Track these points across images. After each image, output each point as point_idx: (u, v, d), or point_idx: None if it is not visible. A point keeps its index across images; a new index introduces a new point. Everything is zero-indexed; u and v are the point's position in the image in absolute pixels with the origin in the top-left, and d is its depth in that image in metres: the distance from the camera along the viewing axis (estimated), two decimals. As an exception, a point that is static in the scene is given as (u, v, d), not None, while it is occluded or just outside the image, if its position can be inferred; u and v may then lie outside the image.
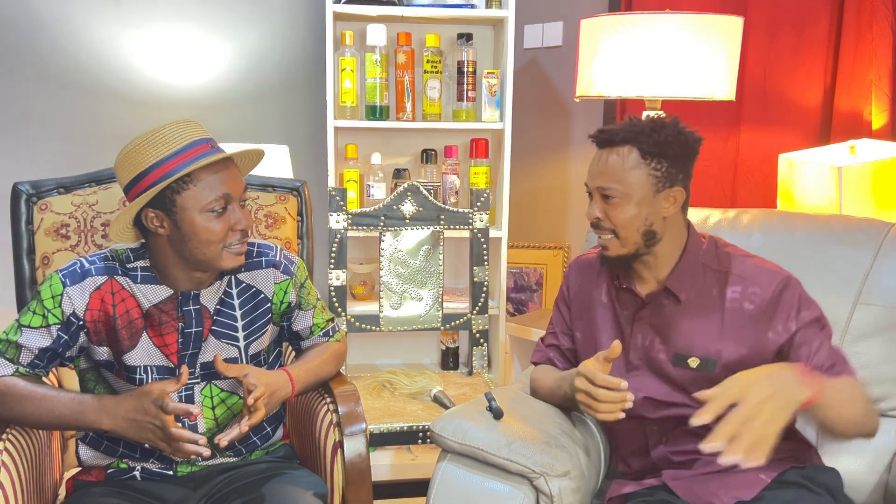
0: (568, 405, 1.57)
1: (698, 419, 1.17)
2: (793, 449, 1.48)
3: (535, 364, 1.71)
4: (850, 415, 1.33)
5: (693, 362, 1.44)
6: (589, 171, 1.48)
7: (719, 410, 1.17)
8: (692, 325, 1.46)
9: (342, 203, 2.19)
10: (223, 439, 1.37)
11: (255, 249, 1.53)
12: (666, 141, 1.41)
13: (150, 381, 1.44)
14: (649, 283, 1.50)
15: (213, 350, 1.48)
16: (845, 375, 1.38)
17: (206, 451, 1.34)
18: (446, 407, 2.01)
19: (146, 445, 1.46)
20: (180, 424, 1.40)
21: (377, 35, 2.42)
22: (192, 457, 1.36)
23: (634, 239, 1.44)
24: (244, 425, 1.39)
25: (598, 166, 1.46)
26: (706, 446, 1.15)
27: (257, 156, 1.49)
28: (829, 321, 1.62)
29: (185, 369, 1.40)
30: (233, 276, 1.50)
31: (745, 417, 1.15)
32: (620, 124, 1.45)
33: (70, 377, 1.69)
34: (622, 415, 1.35)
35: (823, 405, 1.25)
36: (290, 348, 1.79)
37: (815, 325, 1.41)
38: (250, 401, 1.38)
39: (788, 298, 1.41)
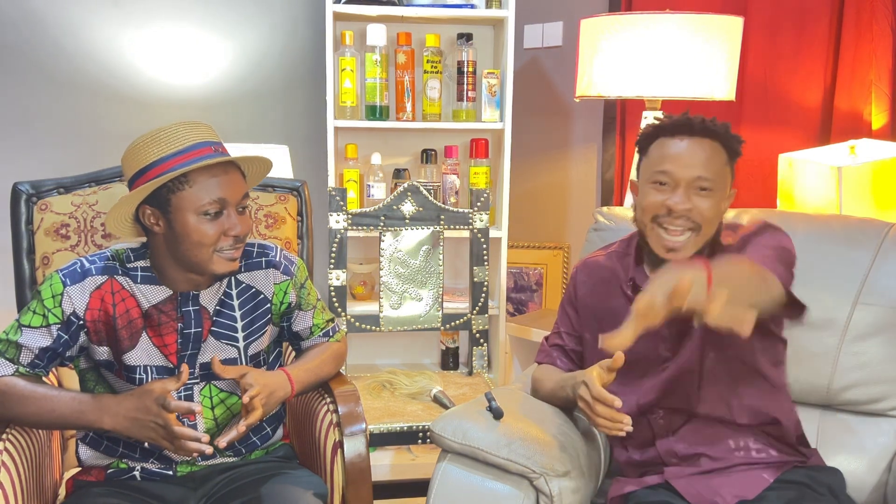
0: (569, 406, 1.57)
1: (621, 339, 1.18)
2: (794, 450, 1.48)
3: (540, 363, 1.70)
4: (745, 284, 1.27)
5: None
6: (673, 162, 1.40)
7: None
8: None
9: (342, 203, 2.19)
10: (221, 441, 1.38)
11: (256, 250, 1.53)
12: (737, 147, 1.45)
13: (149, 381, 1.44)
14: None
15: (212, 350, 1.48)
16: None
17: (209, 449, 1.35)
18: (446, 407, 2.01)
19: (146, 445, 1.47)
20: (181, 423, 1.40)
21: (377, 35, 2.42)
22: (195, 455, 1.36)
23: (711, 234, 1.43)
24: (241, 426, 1.39)
25: (690, 156, 1.40)
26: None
27: (265, 166, 1.48)
28: (829, 321, 1.62)
29: (185, 368, 1.40)
30: (233, 277, 1.50)
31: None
32: (691, 118, 1.42)
33: (70, 377, 1.69)
34: (622, 433, 1.34)
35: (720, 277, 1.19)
36: (290, 348, 1.79)
37: (778, 252, 1.38)
38: (245, 399, 1.38)
39: (764, 234, 1.42)
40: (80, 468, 1.54)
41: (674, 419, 1.49)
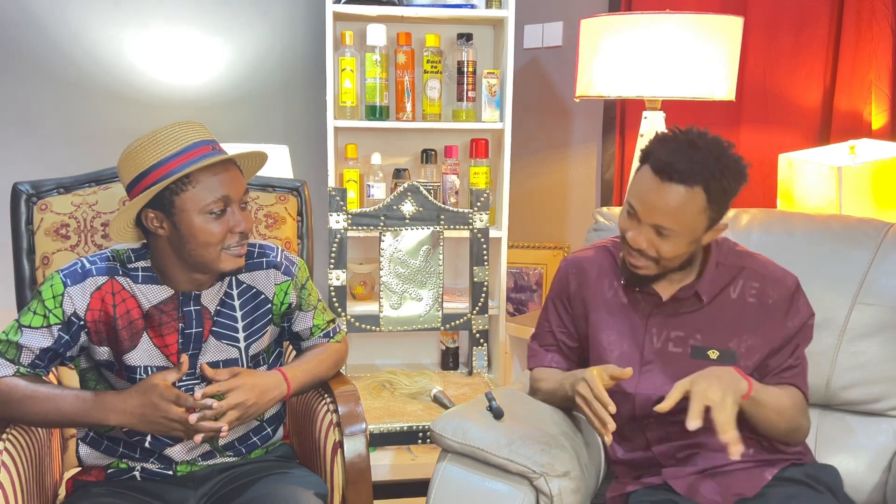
0: (567, 405, 1.57)
1: (662, 406, 1.31)
2: (792, 448, 1.48)
3: (532, 369, 1.69)
4: (778, 419, 1.42)
5: (713, 354, 1.45)
6: (641, 199, 1.38)
7: (677, 398, 1.31)
8: (711, 319, 1.47)
9: (342, 203, 2.19)
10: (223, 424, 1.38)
11: (256, 250, 1.53)
12: (731, 189, 1.37)
13: (148, 380, 1.44)
14: (670, 288, 1.50)
15: (213, 350, 1.48)
16: (789, 385, 1.46)
17: (226, 427, 1.37)
18: (446, 407, 2.01)
19: (147, 444, 1.47)
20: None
21: (377, 35, 2.42)
22: (212, 434, 1.38)
23: (672, 266, 1.44)
24: (222, 427, 1.39)
25: (657, 200, 1.35)
26: (691, 423, 1.27)
27: (261, 159, 1.49)
28: (828, 321, 1.63)
29: (185, 359, 1.40)
30: (233, 277, 1.50)
31: (700, 397, 1.29)
32: (683, 155, 1.34)
33: (70, 376, 1.69)
34: (606, 436, 1.36)
35: (758, 400, 1.36)
36: (291, 348, 1.79)
37: (811, 328, 1.49)
38: (198, 395, 1.37)
39: (800, 297, 1.47)
40: (80, 468, 1.54)
41: (667, 426, 1.49)
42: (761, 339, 1.46)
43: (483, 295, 2.28)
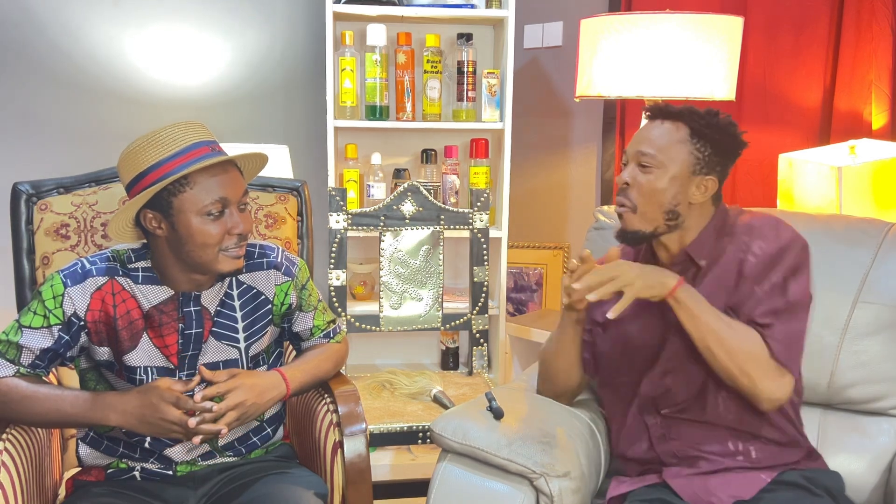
0: (564, 342, 1.56)
1: (573, 280, 1.39)
2: (794, 452, 1.48)
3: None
4: (717, 346, 1.36)
5: None
6: (633, 138, 1.48)
7: (594, 279, 1.37)
8: (713, 286, 1.44)
9: (342, 203, 2.19)
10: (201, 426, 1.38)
11: (257, 251, 1.53)
12: (717, 125, 1.44)
13: (150, 381, 1.44)
14: (669, 255, 1.50)
15: (213, 351, 1.48)
16: (759, 332, 1.38)
17: (225, 429, 1.37)
18: (446, 407, 2.01)
19: (147, 445, 1.47)
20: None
21: (377, 35, 2.42)
22: (211, 435, 1.38)
23: (654, 215, 1.44)
24: (221, 430, 1.39)
25: (643, 133, 1.46)
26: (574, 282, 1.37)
27: (261, 160, 1.49)
28: (829, 320, 1.62)
29: (196, 379, 1.41)
30: (233, 278, 1.50)
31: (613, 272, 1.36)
32: (657, 103, 1.48)
33: (70, 377, 1.69)
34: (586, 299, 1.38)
35: (684, 305, 1.36)
36: (291, 348, 1.79)
37: (781, 296, 1.40)
38: (197, 398, 1.37)
39: (789, 254, 1.41)
40: (80, 468, 1.54)
41: (671, 423, 1.49)
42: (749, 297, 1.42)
43: (483, 295, 2.28)
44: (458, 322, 2.29)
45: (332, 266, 2.20)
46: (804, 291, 1.42)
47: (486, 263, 2.27)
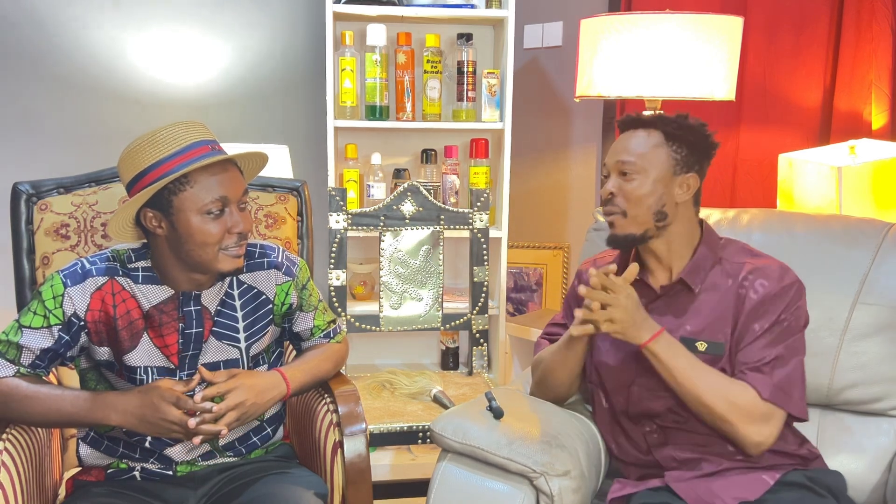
0: (571, 359, 1.56)
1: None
2: (797, 454, 1.48)
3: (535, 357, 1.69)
4: (688, 393, 1.40)
5: (701, 346, 1.45)
6: (610, 151, 1.53)
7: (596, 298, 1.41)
8: (703, 313, 1.47)
9: (342, 203, 2.19)
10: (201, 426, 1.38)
11: (258, 250, 1.53)
12: (689, 127, 1.49)
13: (150, 381, 1.44)
14: (661, 276, 1.52)
15: (213, 351, 1.48)
16: (742, 380, 1.41)
17: (225, 429, 1.37)
18: (446, 407, 2.01)
19: (147, 444, 1.47)
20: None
21: (377, 35, 2.42)
22: (211, 436, 1.38)
23: (644, 218, 1.46)
24: (222, 429, 1.39)
25: (620, 144, 1.51)
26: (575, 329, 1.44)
27: (261, 160, 1.49)
28: (829, 321, 1.62)
29: (197, 379, 1.41)
30: (234, 277, 1.50)
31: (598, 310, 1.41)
32: (644, 115, 1.53)
33: (70, 377, 1.69)
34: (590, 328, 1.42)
35: (657, 356, 1.41)
36: (291, 348, 1.79)
37: (790, 332, 1.43)
38: (197, 398, 1.38)
39: (786, 297, 1.44)
40: (80, 468, 1.54)
41: (667, 431, 1.49)
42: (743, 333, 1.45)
43: (483, 295, 2.28)
44: (457, 322, 2.29)
45: (332, 266, 2.20)
46: (802, 321, 1.46)
47: (485, 263, 2.27)
